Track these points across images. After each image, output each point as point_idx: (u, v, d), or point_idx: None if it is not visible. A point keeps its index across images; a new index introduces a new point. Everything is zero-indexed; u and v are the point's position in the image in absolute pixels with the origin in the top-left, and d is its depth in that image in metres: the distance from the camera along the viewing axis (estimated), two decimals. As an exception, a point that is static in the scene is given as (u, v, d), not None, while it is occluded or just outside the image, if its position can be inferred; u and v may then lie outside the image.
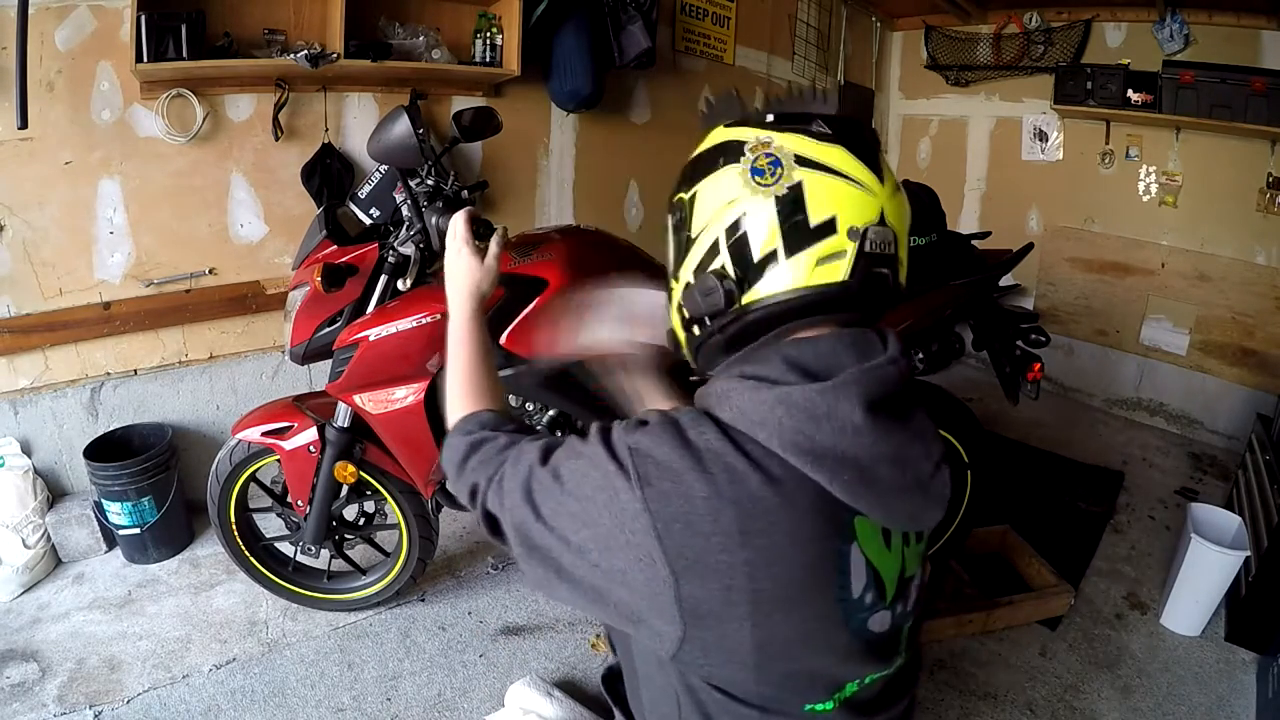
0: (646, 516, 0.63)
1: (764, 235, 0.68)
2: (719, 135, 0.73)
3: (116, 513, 2.02)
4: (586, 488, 0.67)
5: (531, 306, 1.50)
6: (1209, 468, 3.02)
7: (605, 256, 1.61)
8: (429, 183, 1.56)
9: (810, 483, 0.63)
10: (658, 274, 1.64)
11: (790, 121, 0.70)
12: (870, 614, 0.70)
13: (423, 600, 1.99)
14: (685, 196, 0.74)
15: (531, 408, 1.65)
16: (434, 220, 1.53)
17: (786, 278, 0.68)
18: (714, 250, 0.71)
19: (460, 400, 0.90)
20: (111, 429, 2.15)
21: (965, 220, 4.00)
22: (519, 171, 2.87)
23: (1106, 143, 3.38)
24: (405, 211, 1.55)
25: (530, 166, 2.91)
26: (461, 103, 2.59)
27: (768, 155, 0.68)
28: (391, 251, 1.57)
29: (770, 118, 0.71)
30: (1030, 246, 2.00)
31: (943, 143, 4.08)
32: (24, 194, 1.93)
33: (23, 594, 1.93)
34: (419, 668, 1.76)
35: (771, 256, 0.68)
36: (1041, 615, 1.99)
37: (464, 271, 0.99)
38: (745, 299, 0.70)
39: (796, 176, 0.67)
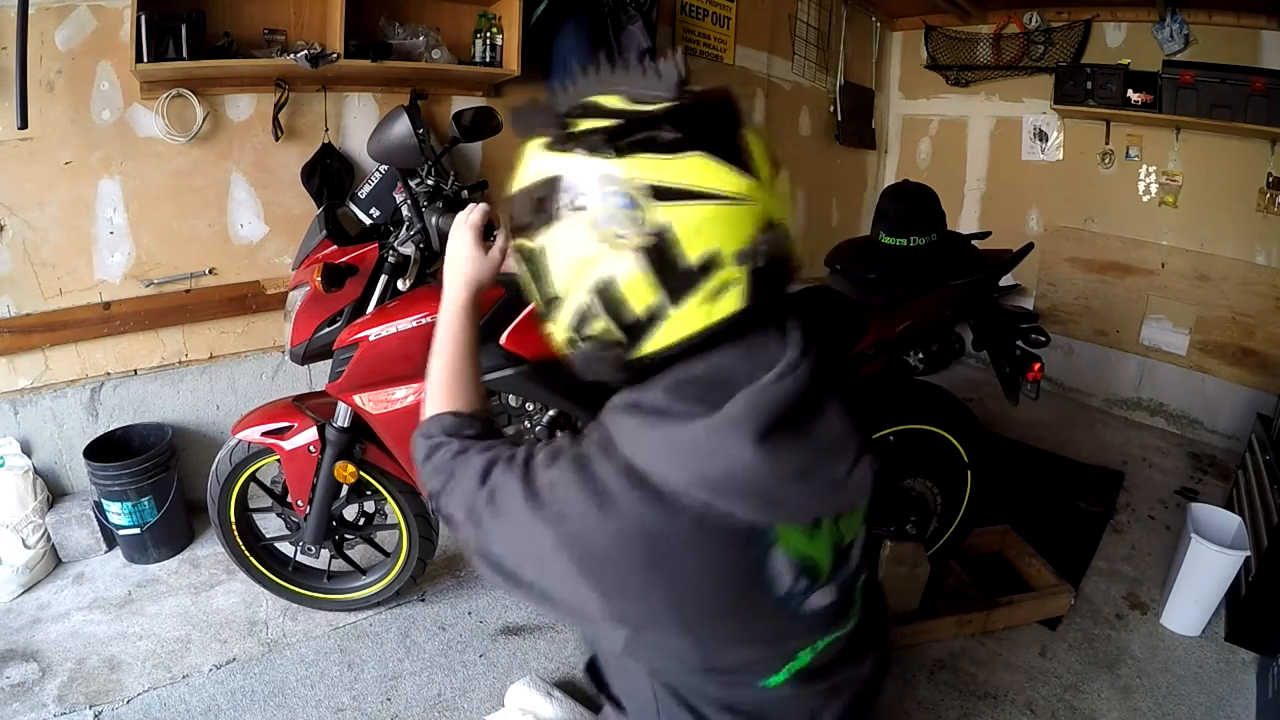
0: (565, 551, 0.62)
1: (640, 291, 0.59)
2: (546, 164, 0.61)
3: (116, 513, 2.02)
4: (515, 517, 0.66)
5: (532, 306, 1.50)
6: (1209, 468, 3.02)
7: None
8: (429, 183, 1.56)
9: (714, 509, 0.60)
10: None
11: (629, 136, 0.58)
12: (807, 596, 0.69)
13: (423, 600, 1.99)
14: (530, 246, 0.64)
15: (531, 408, 1.65)
16: (434, 220, 1.53)
17: (680, 327, 0.60)
18: (589, 313, 0.62)
19: (433, 396, 0.88)
20: (111, 429, 2.16)
21: (965, 220, 4.00)
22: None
23: (1106, 143, 3.38)
24: (405, 211, 1.55)
25: (530, 166, 2.90)
26: (461, 103, 2.58)
27: (617, 195, 0.57)
28: (391, 251, 1.57)
29: (605, 142, 0.58)
30: (1030, 246, 2.00)
31: (943, 143, 4.08)
32: (24, 194, 1.93)
33: (23, 594, 1.93)
34: (419, 668, 1.76)
35: (656, 310, 0.60)
36: (1041, 615, 1.99)
37: (466, 259, 0.94)
38: (637, 353, 0.63)
39: (660, 219, 0.57)
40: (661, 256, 0.58)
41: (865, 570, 0.78)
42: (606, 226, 0.58)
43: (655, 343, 0.62)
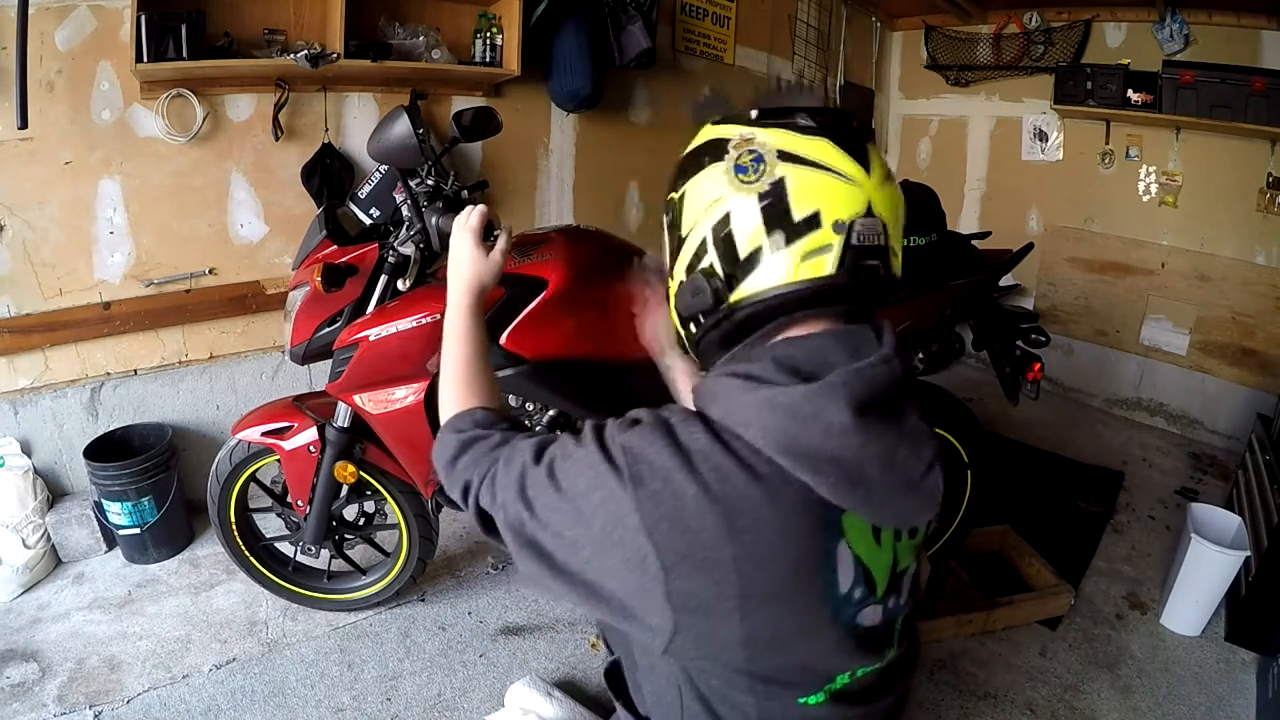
0: (637, 515, 0.64)
1: (749, 232, 0.67)
2: (705, 133, 0.73)
3: (116, 513, 2.02)
4: (580, 485, 0.67)
5: (531, 307, 1.50)
6: (1209, 468, 3.02)
7: (605, 256, 1.61)
8: (429, 183, 1.56)
9: (797, 481, 0.63)
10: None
11: (774, 116, 0.69)
12: (860, 609, 0.70)
13: (423, 600, 1.99)
14: (675, 196, 0.74)
15: (531, 408, 1.65)
16: (434, 220, 1.53)
17: (773, 274, 0.67)
18: (702, 249, 0.71)
19: (454, 396, 0.89)
20: (111, 429, 2.16)
21: (965, 220, 4.00)
22: (519, 171, 2.87)
23: (1106, 143, 3.38)
24: (405, 211, 1.55)
25: (530, 166, 2.91)
26: (461, 103, 2.59)
27: (750, 152, 0.68)
28: (391, 251, 1.57)
29: (755, 114, 0.70)
30: (1030, 246, 2.00)
31: (943, 143, 4.08)
32: (24, 194, 1.93)
33: (23, 594, 1.93)
34: (419, 668, 1.76)
35: (757, 253, 0.68)
36: (1041, 615, 1.99)
37: (467, 261, 0.98)
38: (733, 297, 0.70)
39: (779, 172, 0.67)
40: (774, 203, 0.67)
41: (910, 608, 0.78)
42: (736, 173, 0.68)
43: (750, 288, 0.68)
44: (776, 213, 0.66)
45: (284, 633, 1.84)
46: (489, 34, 2.48)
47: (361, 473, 1.72)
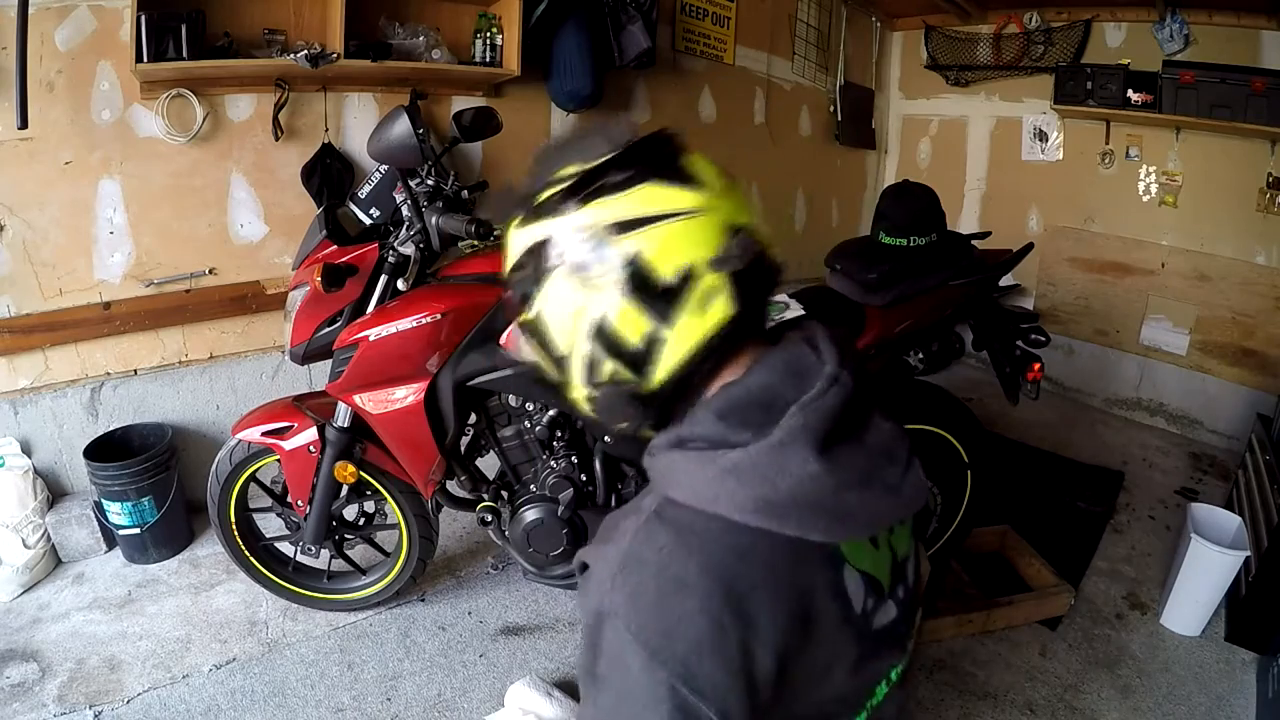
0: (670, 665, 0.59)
1: (631, 324, 0.61)
2: (518, 241, 0.65)
3: (116, 513, 2.02)
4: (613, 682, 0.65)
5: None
6: (1209, 468, 3.02)
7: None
8: (429, 183, 1.56)
9: (783, 537, 0.60)
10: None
11: (583, 189, 0.62)
12: (874, 616, 0.69)
13: (423, 600, 1.99)
14: (530, 319, 0.66)
15: (531, 408, 1.65)
16: (434, 220, 1.53)
17: (681, 345, 0.62)
18: (594, 361, 0.64)
19: None
20: (111, 429, 2.16)
21: (965, 220, 4.00)
22: (519, 171, 2.82)
23: (1106, 143, 3.38)
24: (405, 211, 1.55)
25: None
26: (461, 103, 2.58)
27: (583, 244, 0.61)
28: (391, 251, 1.57)
29: (561, 197, 0.62)
30: (1030, 246, 2.00)
31: (943, 143, 4.08)
32: (24, 194, 1.93)
33: (23, 594, 1.93)
34: (419, 668, 1.76)
35: (654, 335, 0.61)
36: (1041, 615, 1.99)
37: None
38: (651, 385, 0.64)
39: (628, 249, 0.60)
40: (641, 283, 0.60)
41: (917, 587, 0.78)
42: (584, 272, 0.61)
43: (663, 368, 0.63)
44: (647, 290, 0.60)
45: (284, 633, 1.84)
46: (489, 34, 2.48)
47: (361, 473, 1.72)
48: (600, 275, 0.60)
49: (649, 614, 0.59)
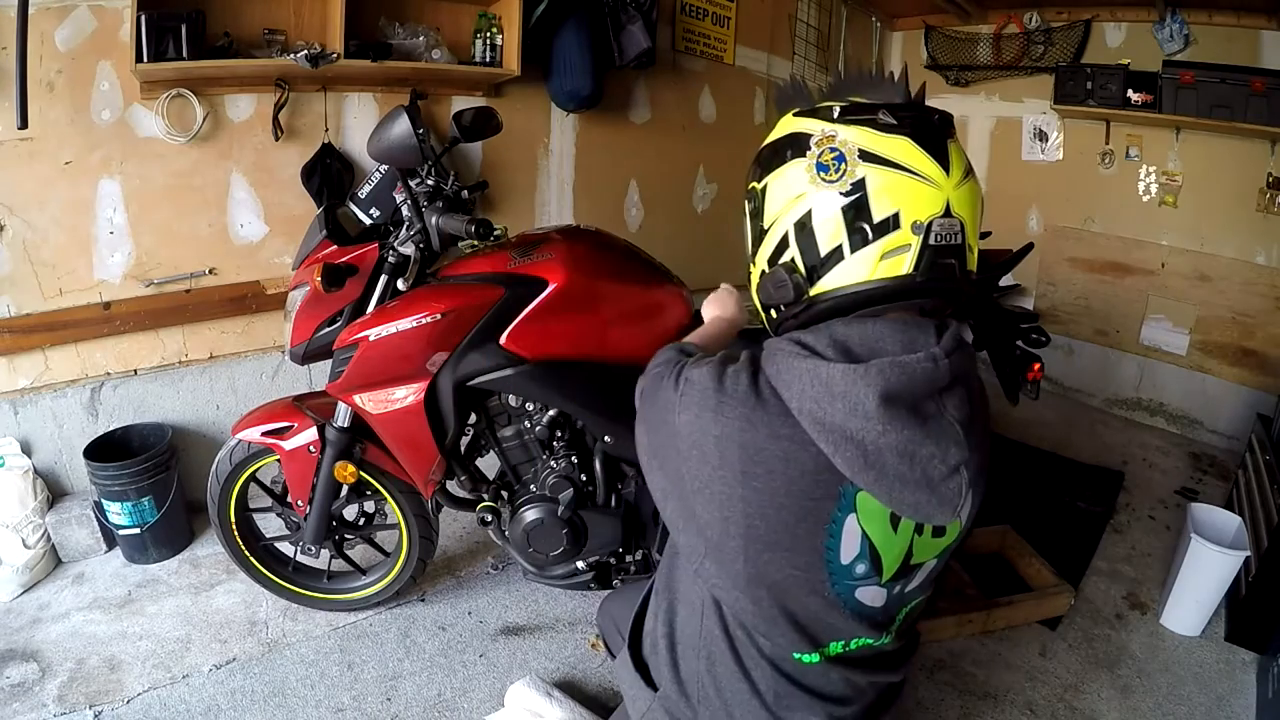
0: (676, 440, 0.74)
1: (830, 230, 0.71)
2: (787, 125, 0.76)
3: (116, 513, 2.02)
4: (659, 404, 0.78)
5: (532, 307, 1.50)
6: (1209, 468, 3.02)
7: (605, 256, 1.61)
8: (429, 183, 1.56)
9: (814, 448, 0.68)
10: (658, 274, 1.65)
11: (857, 113, 0.72)
12: (859, 584, 0.75)
13: (423, 600, 1.99)
14: (758, 187, 0.77)
15: (531, 408, 1.65)
16: (434, 220, 1.53)
17: (853, 272, 0.70)
18: (784, 243, 0.74)
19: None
20: (111, 429, 2.15)
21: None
22: (519, 171, 2.87)
23: (1106, 143, 3.38)
24: (405, 211, 1.55)
25: (530, 166, 2.91)
26: (461, 103, 2.59)
27: (832, 150, 0.70)
28: (391, 251, 1.57)
29: (838, 109, 0.73)
30: (1030, 246, 2.00)
31: (942, 143, 4.07)
32: (24, 194, 1.93)
33: (23, 594, 1.93)
34: (419, 668, 1.76)
35: (837, 251, 0.71)
36: (1041, 615, 1.99)
37: (734, 307, 1.19)
38: (813, 291, 0.73)
39: (860, 172, 0.69)
40: (853, 205, 0.69)
41: (920, 598, 0.84)
42: (821, 171, 0.71)
43: (829, 282, 0.72)
44: (857, 212, 0.69)
45: (284, 633, 1.84)
46: (489, 34, 2.48)
47: (361, 473, 1.72)
48: (830, 179, 0.70)
49: (697, 388, 0.74)
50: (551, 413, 1.63)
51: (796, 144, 0.73)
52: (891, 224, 0.69)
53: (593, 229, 1.70)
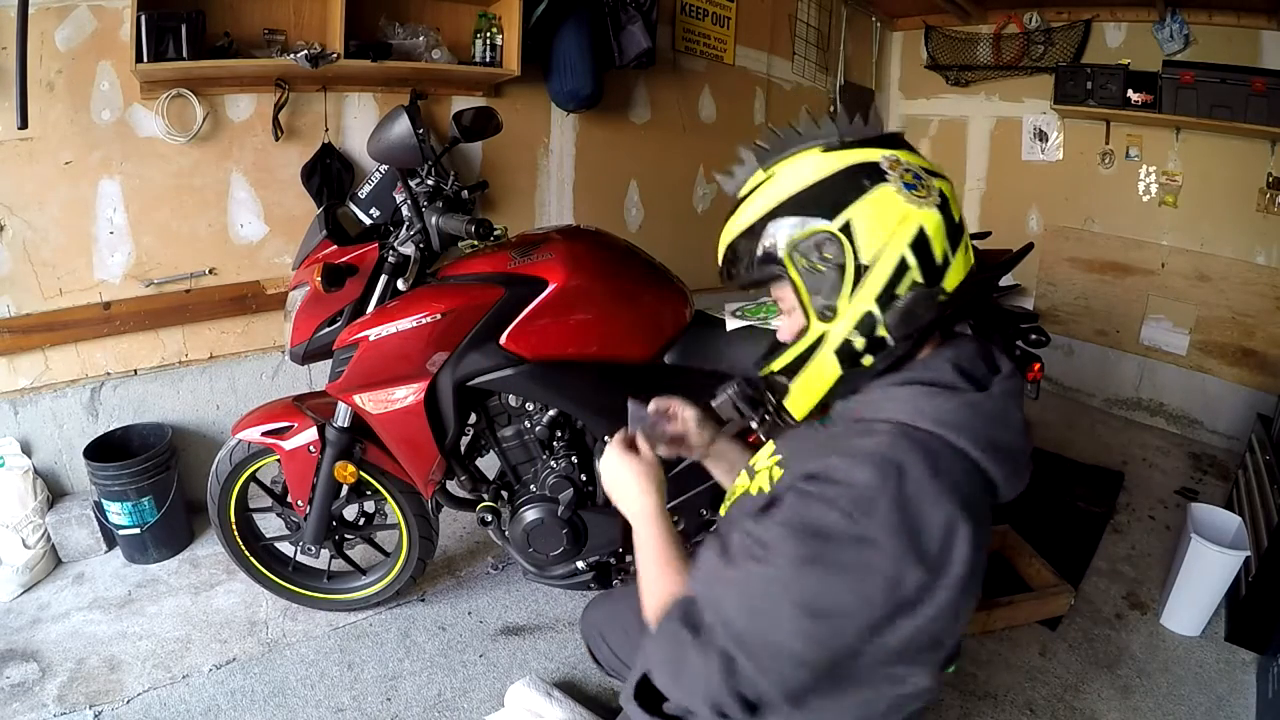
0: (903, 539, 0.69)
1: (940, 243, 0.73)
2: (830, 162, 0.75)
3: (116, 513, 2.02)
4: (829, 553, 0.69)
5: (532, 307, 1.50)
6: (1209, 468, 3.02)
7: (605, 256, 1.61)
8: (429, 183, 1.56)
9: (979, 481, 0.71)
10: (658, 274, 1.65)
11: (892, 142, 0.76)
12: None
13: (423, 600, 1.99)
14: (832, 228, 0.73)
15: (531, 408, 1.65)
16: (434, 220, 1.53)
17: (959, 269, 0.75)
18: (903, 268, 0.73)
19: (665, 586, 0.83)
20: (111, 429, 2.15)
21: (965, 220, 3.99)
22: (519, 171, 2.87)
23: (1106, 143, 3.38)
24: (405, 211, 1.55)
25: (530, 166, 2.91)
26: (461, 103, 2.59)
27: (907, 170, 0.73)
28: (391, 251, 1.57)
29: (881, 140, 0.76)
30: (1030, 246, 2.00)
31: (943, 143, 4.07)
32: (24, 194, 1.93)
33: (23, 594, 1.93)
34: (419, 668, 1.76)
35: (946, 259, 0.74)
36: (1041, 615, 1.99)
37: (631, 474, 0.92)
38: (948, 289, 0.75)
39: (935, 185, 0.74)
40: (946, 215, 0.74)
41: None
42: (909, 190, 0.73)
43: (953, 278, 0.75)
44: (950, 221, 0.74)
45: (284, 633, 1.84)
46: (489, 34, 2.48)
47: (361, 473, 1.72)
48: (922, 196, 0.73)
49: (908, 523, 0.65)
50: (551, 413, 1.63)
51: (868, 174, 0.73)
52: (962, 225, 0.76)
53: (593, 229, 1.70)
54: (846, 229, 0.73)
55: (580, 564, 1.70)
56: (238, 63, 2.05)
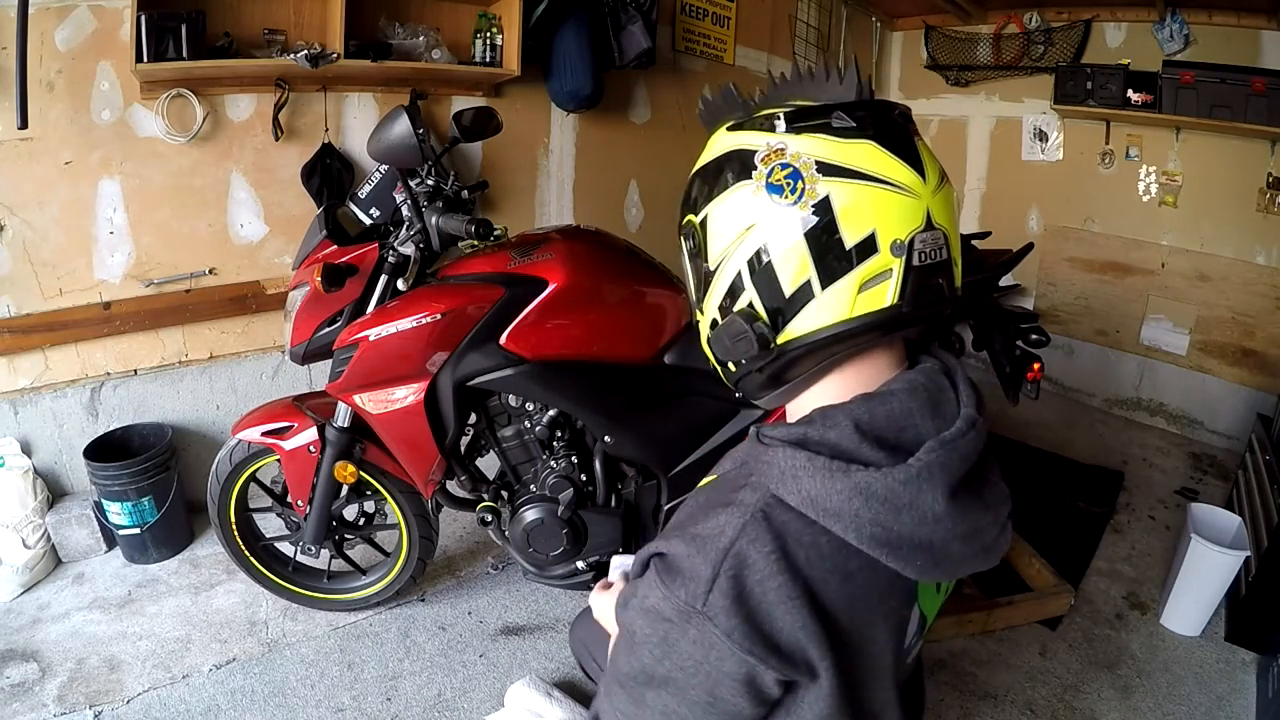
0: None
1: (793, 265, 0.58)
2: (723, 142, 0.64)
3: (116, 513, 2.01)
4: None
5: (532, 307, 1.50)
6: (1209, 468, 3.02)
7: (605, 256, 1.61)
8: (429, 183, 1.56)
9: (884, 569, 0.59)
10: (658, 274, 1.65)
11: (806, 118, 0.59)
12: (910, 652, 0.70)
13: (423, 600, 1.99)
14: (695, 220, 0.64)
15: (531, 408, 1.65)
16: (434, 220, 1.53)
17: (827, 311, 0.58)
18: (738, 285, 0.61)
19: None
20: (111, 429, 2.15)
21: (965, 220, 3.99)
22: (519, 171, 2.87)
23: (1106, 143, 3.38)
24: (405, 211, 1.55)
25: (530, 166, 2.91)
26: (461, 103, 2.59)
27: (784, 166, 0.58)
28: (391, 251, 1.57)
29: (781, 117, 0.60)
30: (1030, 246, 2.00)
31: (943, 143, 4.07)
32: (24, 194, 1.93)
33: (23, 594, 1.93)
34: (419, 668, 1.76)
35: (805, 289, 0.58)
36: (1041, 615, 1.99)
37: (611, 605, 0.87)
38: (781, 338, 0.61)
39: (821, 190, 0.57)
40: (818, 230, 0.57)
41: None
42: (773, 193, 0.58)
43: (799, 328, 0.60)
44: (824, 239, 0.57)
45: (284, 633, 1.84)
46: (489, 34, 2.48)
47: (361, 473, 1.72)
48: (786, 203, 0.58)
49: (749, 622, 0.56)
50: (551, 413, 1.63)
51: (738, 163, 0.60)
52: (867, 248, 0.57)
53: (593, 229, 1.70)
54: (703, 226, 0.63)
55: (580, 564, 1.70)
56: (238, 63, 2.05)
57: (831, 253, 0.57)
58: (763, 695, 0.58)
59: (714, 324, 0.65)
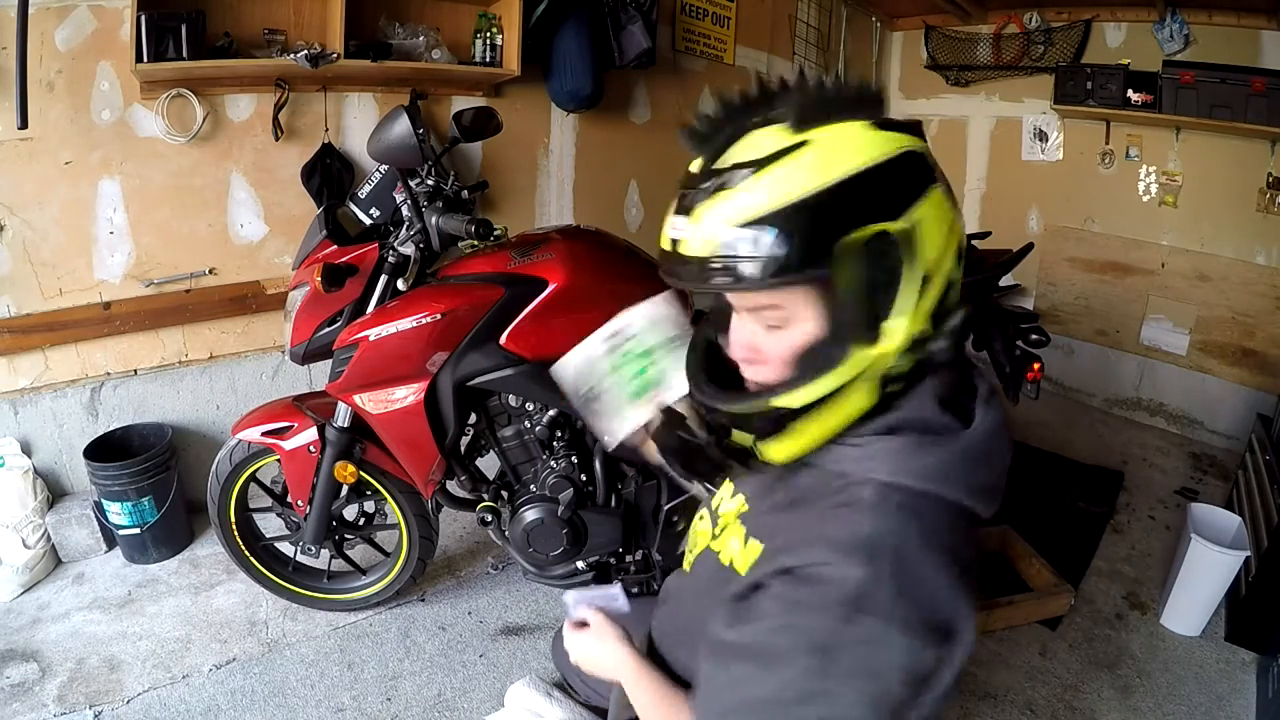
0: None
1: (960, 251, 0.65)
2: (892, 143, 0.59)
3: (116, 513, 2.02)
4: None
5: (532, 306, 1.50)
6: (1209, 468, 3.02)
7: (605, 257, 1.61)
8: (429, 183, 1.56)
9: (974, 517, 0.65)
10: (657, 274, 1.65)
11: (911, 127, 0.63)
12: None
13: (423, 600, 1.99)
14: (893, 229, 0.57)
15: (531, 408, 1.65)
16: (434, 220, 1.53)
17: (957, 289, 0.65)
18: (954, 287, 0.63)
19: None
20: (111, 429, 2.15)
21: (966, 220, 3.98)
22: (519, 171, 2.87)
23: (1106, 143, 3.38)
24: (405, 211, 1.55)
25: (530, 166, 2.91)
26: (461, 103, 2.59)
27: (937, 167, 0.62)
28: (391, 251, 1.57)
29: (900, 123, 0.61)
30: (1030, 246, 2.00)
31: (943, 143, 4.07)
32: (24, 194, 1.93)
33: (23, 594, 1.93)
34: (419, 668, 1.76)
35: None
36: (1041, 615, 1.99)
37: (595, 645, 0.89)
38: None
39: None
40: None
41: None
42: (951, 196, 0.63)
43: (956, 317, 0.66)
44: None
45: (284, 633, 1.84)
46: (489, 34, 2.48)
47: (361, 473, 1.72)
48: (953, 204, 0.63)
49: (913, 606, 0.58)
50: (551, 413, 1.63)
51: (921, 169, 0.60)
52: None
53: (593, 229, 1.70)
54: (913, 233, 0.58)
55: (580, 564, 1.70)
56: (238, 63, 2.05)
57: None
58: (924, 677, 0.59)
59: (919, 336, 0.62)
